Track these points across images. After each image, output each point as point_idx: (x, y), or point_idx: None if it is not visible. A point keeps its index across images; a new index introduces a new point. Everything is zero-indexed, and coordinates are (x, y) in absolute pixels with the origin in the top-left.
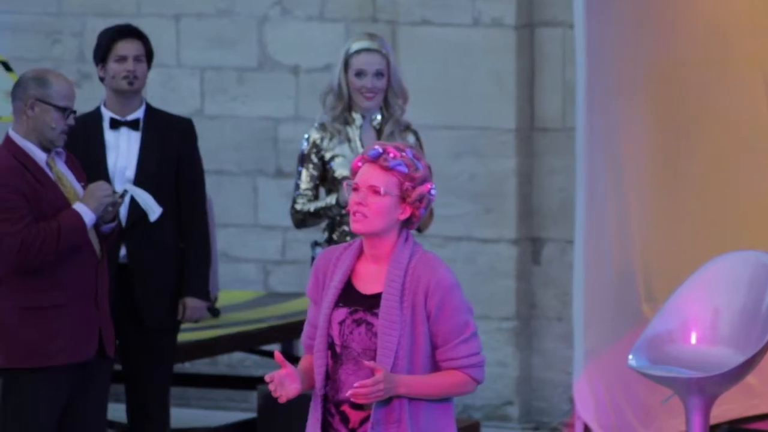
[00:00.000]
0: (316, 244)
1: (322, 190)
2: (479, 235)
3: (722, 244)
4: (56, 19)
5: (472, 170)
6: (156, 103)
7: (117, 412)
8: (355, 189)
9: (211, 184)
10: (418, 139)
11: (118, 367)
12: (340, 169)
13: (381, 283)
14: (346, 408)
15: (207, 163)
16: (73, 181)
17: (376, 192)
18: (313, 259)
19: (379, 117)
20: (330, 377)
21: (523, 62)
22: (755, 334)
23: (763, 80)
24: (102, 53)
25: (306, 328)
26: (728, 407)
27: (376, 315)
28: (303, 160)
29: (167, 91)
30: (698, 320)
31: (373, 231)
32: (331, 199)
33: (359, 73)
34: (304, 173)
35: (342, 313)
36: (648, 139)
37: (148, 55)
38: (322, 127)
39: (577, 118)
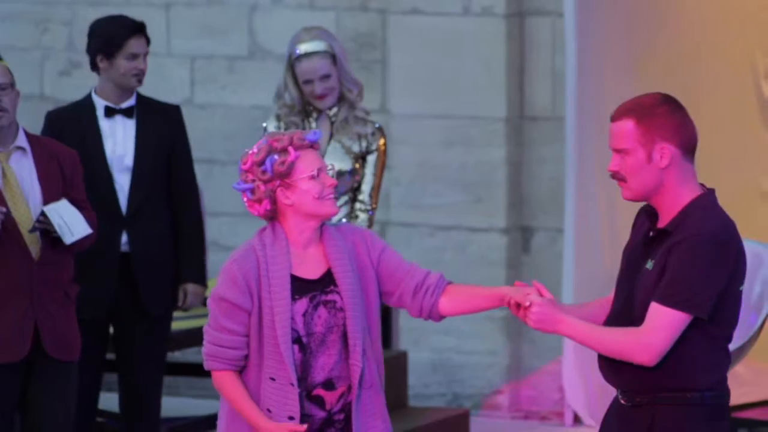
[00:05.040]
0: None
1: None
2: (469, 224)
3: None
4: (46, 8)
5: (462, 159)
6: (146, 92)
7: (109, 401)
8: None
9: (201, 172)
10: (383, 135)
11: (111, 356)
12: None
13: (322, 264)
14: (320, 391)
15: (197, 152)
16: (23, 178)
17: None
18: None
19: (335, 110)
20: (297, 367)
21: (513, 51)
22: (744, 324)
23: (751, 69)
24: (112, 48)
25: (223, 337)
26: None
27: (330, 292)
28: None
29: (157, 80)
30: None
31: None
32: None
33: (306, 82)
34: None
35: (302, 304)
36: None
37: None
38: (278, 118)
39: (567, 107)
